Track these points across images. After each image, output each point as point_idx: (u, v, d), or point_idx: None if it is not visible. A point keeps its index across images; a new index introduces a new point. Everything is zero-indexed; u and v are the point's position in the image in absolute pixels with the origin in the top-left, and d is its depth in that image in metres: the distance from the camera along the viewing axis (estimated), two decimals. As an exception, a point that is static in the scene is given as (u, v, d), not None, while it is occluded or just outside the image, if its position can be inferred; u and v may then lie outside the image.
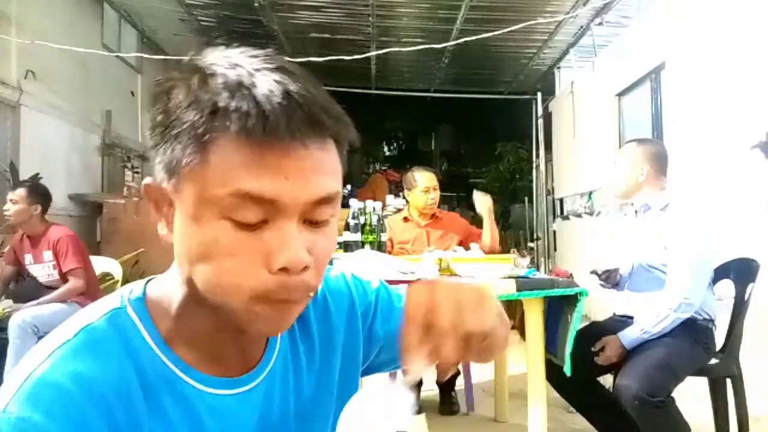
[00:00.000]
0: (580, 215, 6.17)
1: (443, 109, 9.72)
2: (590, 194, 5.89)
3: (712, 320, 2.18)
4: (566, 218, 6.80)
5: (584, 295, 2.13)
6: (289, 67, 0.54)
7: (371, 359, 0.79)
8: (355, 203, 2.75)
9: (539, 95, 7.41)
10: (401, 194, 6.62)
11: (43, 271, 3.24)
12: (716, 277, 2.26)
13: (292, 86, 0.51)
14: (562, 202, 7.13)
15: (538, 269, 3.89)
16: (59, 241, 3.18)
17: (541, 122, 7.41)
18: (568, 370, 2.11)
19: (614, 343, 2.12)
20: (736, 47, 3.36)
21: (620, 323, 2.24)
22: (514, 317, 2.41)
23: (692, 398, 2.19)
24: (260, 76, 0.51)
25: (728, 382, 2.22)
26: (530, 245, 7.73)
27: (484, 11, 5.71)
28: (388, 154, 12.30)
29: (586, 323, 2.61)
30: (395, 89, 8.39)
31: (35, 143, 4.63)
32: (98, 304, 0.61)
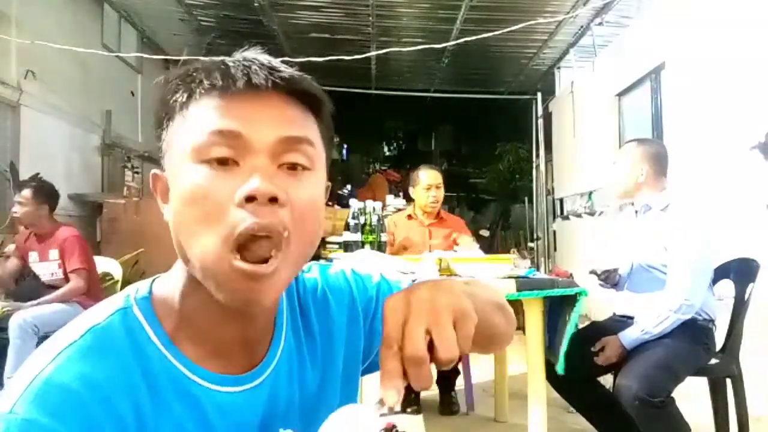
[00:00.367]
0: (580, 215, 6.17)
1: (443, 109, 9.69)
2: (590, 194, 5.89)
3: (712, 320, 2.18)
4: (566, 218, 6.80)
5: (584, 295, 2.13)
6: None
7: (372, 356, 0.79)
8: (355, 203, 2.76)
9: (539, 95, 7.41)
10: (401, 194, 6.66)
11: (47, 269, 3.24)
12: (716, 277, 2.26)
13: (260, 57, 0.59)
14: (562, 202, 7.12)
15: (538, 269, 3.89)
16: (67, 240, 3.19)
17: (541, 122, 7.41)
18: (560, 369, 2.11)
19: (614, 343, 2.12)
20: (736, 47, 3.36)
21: (620, 323, 2.24)
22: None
23: (692, 398, 2.19)
24: (236, 55, 0.60)
25: (728, 382, 2.22)
26: (530, 245, 7.73)
27: (484, 11, 5.71)
28: (388, 154, 12.28)
29: (586, 323, 2.61)
30: (395, 89, 8.37)
31: (35, 143, 4.62)
32: (105, 304, 0.61)
